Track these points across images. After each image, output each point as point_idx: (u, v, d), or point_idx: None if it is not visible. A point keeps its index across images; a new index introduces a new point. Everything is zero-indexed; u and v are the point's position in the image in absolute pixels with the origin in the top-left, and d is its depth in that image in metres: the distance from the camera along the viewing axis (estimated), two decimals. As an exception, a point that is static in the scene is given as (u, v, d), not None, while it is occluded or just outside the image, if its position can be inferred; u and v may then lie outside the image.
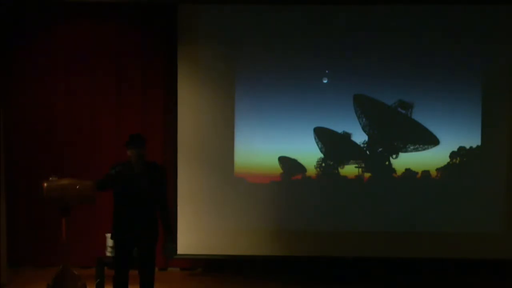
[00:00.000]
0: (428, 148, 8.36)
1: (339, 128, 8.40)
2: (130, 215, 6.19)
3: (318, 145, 8.41)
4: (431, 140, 8.33)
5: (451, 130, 8.30)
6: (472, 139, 8.29)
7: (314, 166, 8.43)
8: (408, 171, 8.37)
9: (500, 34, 8.23)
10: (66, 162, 8.42)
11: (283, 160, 8.42)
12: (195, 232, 8.38)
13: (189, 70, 8.41)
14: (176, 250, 8.20)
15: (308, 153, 8.41)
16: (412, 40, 8.27)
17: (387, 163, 8.42)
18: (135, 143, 6.23)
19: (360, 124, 8.40)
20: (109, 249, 7.45)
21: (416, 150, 8.39)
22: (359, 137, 8.42)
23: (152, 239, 6.30)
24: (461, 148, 8.32)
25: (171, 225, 6.44)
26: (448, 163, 8.33)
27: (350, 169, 8.47)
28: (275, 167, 8.44)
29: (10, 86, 8.46)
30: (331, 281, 8.18)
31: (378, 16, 8.28)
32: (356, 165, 8.47)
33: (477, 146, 8.30)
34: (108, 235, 7.09)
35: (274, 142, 8.39)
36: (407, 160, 8.38)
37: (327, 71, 8.39)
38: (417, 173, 8.37)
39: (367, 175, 8.46)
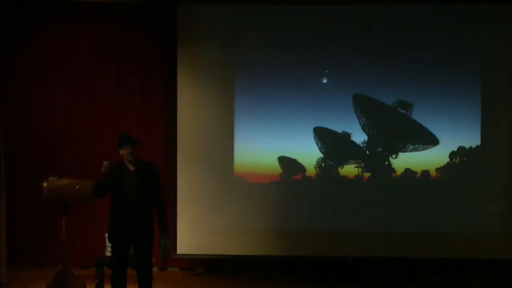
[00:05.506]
0: (427, 148, 8.36)
1: (339, 128, 8.39)
2: (125, 214, 6.20)
3: (318, 145, 8.41)
4: (431, 140, 8.33)
5: (451, 130, 8.30)
6: (472, 139, 8.29)
7: (314, 166, 8.43)
8: (408, 171, 8.37)
9: (500, 34, 8.23)
10: (66, 162, 8.43)
11: (283, 160, 8.42)
12: (195, 232, 8.38)
13: (189, 70, 8.41)
14: (171, 248, 8.12)
15: (308, 153, 8.41)
16: (412, 40, 8.27)
17: (386, 163, 8.42)
18: (129, 140, 6.25)
19: (360, 124, 8.40)
20: (109, 249, 7.43)
21: (415, 150, 8.39)
22: (359, 137, 8.42)
23: (147, 238, 6.30)
24: (461, 148, 8.32)
25: (166, 223, 6.40)
26: (448, 163, 8.33)
27: (350, 169, 8.47)
28: (275, 167, 8.44)
29: (10, 86, 8.47)
30: (331, 281, 8.18)
31: (378, 16, 8.28)
32: (356, 165, 8.47)
33: (477, 146, 8.30)
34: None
35: (274, 142, 8.39)
36: (406, 160, 8.38)
37: (327, 71, 8.40)
38: (416, 173, 8.37)
39: (367, 175, 8.46)
